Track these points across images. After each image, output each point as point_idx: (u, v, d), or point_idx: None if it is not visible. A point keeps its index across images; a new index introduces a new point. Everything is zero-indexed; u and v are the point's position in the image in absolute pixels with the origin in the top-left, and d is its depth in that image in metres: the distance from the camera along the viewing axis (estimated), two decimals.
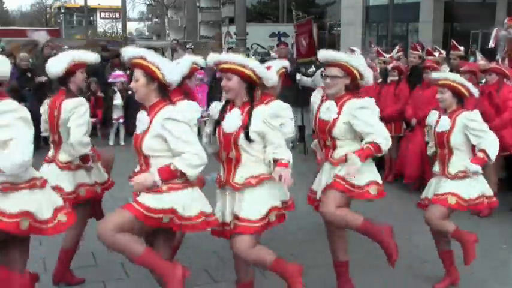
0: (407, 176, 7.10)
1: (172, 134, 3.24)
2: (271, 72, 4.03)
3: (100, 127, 10.62)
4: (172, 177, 3.28)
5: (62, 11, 56.32)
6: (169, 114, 3.26)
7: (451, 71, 6.80)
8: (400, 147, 7.34)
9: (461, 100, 4.34)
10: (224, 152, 3.57)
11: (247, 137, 3.45)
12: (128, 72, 10.80)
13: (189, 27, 38.09)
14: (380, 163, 7.98)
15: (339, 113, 3.89)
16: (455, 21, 20.42)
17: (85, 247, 5.06)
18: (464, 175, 4.25)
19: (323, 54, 3.98)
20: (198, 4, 42.58)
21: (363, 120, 3.81)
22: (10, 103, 3.05)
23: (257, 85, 3.55)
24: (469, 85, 4.35)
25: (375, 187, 3.93)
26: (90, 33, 36.60)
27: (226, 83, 3.52)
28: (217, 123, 3.62)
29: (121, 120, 10.22)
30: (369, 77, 4.02)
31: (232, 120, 3.53)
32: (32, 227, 3.11)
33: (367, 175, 3.90)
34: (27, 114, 3.07)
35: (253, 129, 3.46)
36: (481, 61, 7.05)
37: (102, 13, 59.48)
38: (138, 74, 3.35)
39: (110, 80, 10.27)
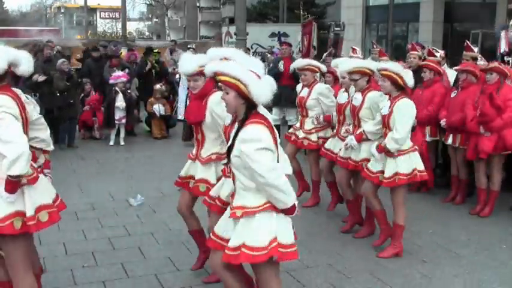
0: None
1: None
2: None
3: (99, 127, 10.62)
4: None
5: (62, 11, 56.33)
6: None
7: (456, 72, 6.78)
8: None
9: (401, 88, 4.91)
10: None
11: (228, 158, 3.16)
12: (127, 71, 10.85)
13: (189, 27, 38.17)
14: None
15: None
16: (455, 21, 20.41)
17: (86, 247, 5.08)
18: (399, 153, 4.88)
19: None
20: (198, 4, 42.64)
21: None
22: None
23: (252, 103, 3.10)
24: (407, 77, 4.89)
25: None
26: (90, 33, 36.63)
27: (223, 96, 3.18)
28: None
29: (123, 121, 10.22)
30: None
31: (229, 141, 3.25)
32: (25, 225, 3.17)
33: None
34: (15, 111, 3.16)
35: (233, 154, 3.10)
36: (481, 61, 7.02)
37: (102, 13, 59.49)
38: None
39: (110, 82, 10.26)
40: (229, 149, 3.13)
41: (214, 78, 3.23)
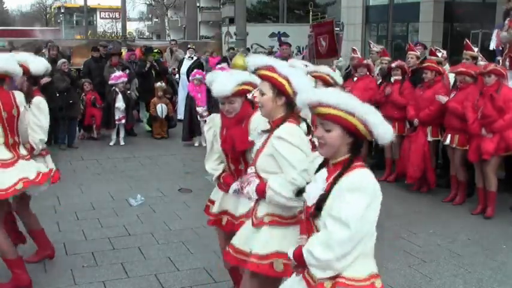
0: (409, 176, 7.10)
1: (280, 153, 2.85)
2: None
3: (97, 127, 10.60)
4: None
5: (62, 11, 56.36)
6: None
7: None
8: (402, 148, 7.31)
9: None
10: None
11: (318, 212, 2.37)
12: (127, 71, 10.84)
13: (189, 27, 38.18)
14: (381, 163, 8.01)
15: None
16: (455, 21, 20.41)
17: (86, 248, 5.08)
18: None
19: None
20: (198, 4, 42.66)
21: None
22: None
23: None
24: (335, 76, 5.13)
25: None
26: (90, 33, 36.61)
27: (321, 134, 2.38)
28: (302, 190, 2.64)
29: (123, 121, 10.22)
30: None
31: (313, 189, 2.47)
32: None
33: None
34: None
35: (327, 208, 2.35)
36: (481, 62, 7.02)
37: (102, 13, 59.48)
38: (265, 87, 2.97)
39: (110, 82, 10.25)
40: (320, 203, 2.35)
41: (251, 101, 3.23)
